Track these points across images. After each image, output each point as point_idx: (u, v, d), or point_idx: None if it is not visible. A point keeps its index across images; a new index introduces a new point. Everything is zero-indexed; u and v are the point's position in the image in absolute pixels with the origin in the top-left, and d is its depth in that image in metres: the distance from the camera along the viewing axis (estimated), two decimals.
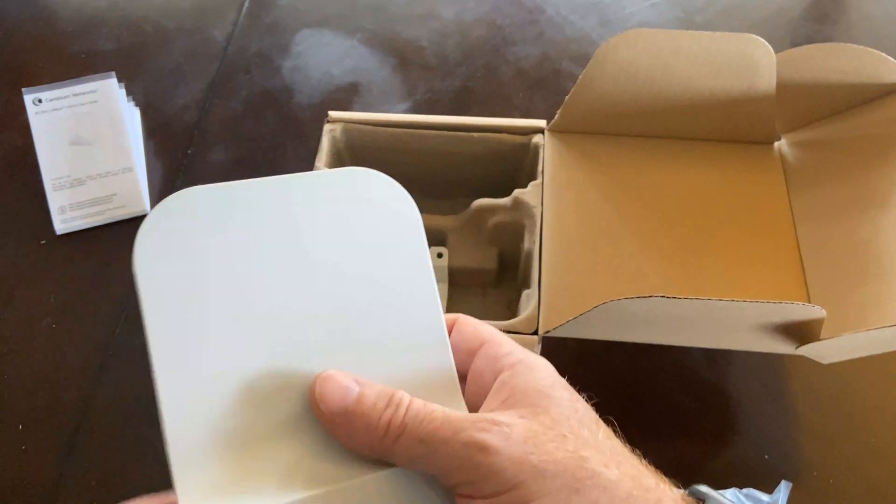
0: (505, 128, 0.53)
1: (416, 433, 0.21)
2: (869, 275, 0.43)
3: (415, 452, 0.21)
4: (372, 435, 0.22)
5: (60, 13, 0.79)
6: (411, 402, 0.22)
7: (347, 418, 0.22)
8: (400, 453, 0.22)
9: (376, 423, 0.21)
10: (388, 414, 0.22)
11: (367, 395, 0.22)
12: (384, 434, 0.21)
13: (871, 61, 0.47)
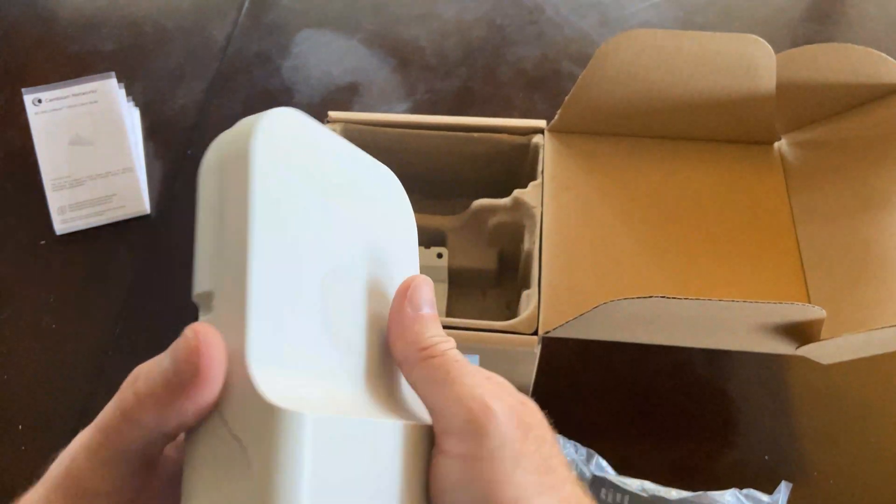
0: (505, 128, 0.53)
1: (445, 365, 0.24)
2: (869, 275, 0.43)
3: (433, 378, 0.24)
4: (416, 342, 0.24)
5: (60, 13, 0.79)
6: (453, 349, 0.25)
7: (414, 320, 0.24)
8: (421, 373, 0.24)
9: (427, 338, 0.24)
10: (438, 339, 0.24)
11: (434, 317, 0.25)
12: (426, 348, 0.24)
13: (870, 61, 0.47)
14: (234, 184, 0.22)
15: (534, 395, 0.53)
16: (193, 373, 0.19)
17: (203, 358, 0.19)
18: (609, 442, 0.48)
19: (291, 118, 0.24)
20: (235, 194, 0.22)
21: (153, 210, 0.62)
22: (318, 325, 0.23)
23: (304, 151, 0.24)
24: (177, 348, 0.20)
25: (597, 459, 0.47)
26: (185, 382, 0.19)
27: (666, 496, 0.44)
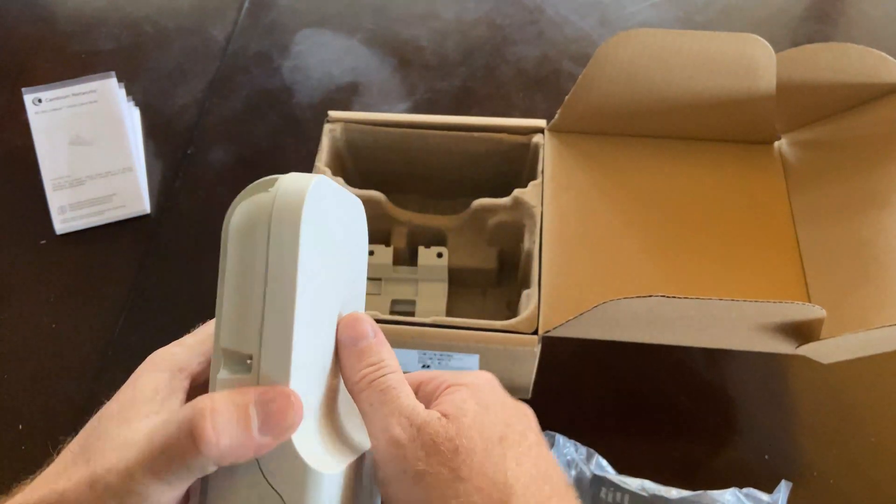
0: (505, 128, 0.53)
1: (369, 398, 0.26)
2: (869, 274, 0.43)
3: (364, 411, 0.26)
4: (349, 378, 0.26)
5: (60, 13, 0.79)
6: (388, 376, 0.26)
7: (349, 355, 0.27)
8: (359, 406, 0.26)
9: (357, 372, 0.26)
10: (367, 370, 0.26)
11: (370, 347, 0.27)
12: (356, 382, 0.26)
13: (870, 61, 0.47)
14: (284, 254, 0.23)
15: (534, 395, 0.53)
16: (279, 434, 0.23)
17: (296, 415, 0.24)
18: (609, 441, 0.48)
19: (327, 187, 0.25)
20: (284, 265, 0.23)
21: (153, 210, 0.62)
22: (323, 378, 0.26)
23: (327, 215, 0.26)
24: (267, 406, 0.23)
25: (597, 458, 0.47)
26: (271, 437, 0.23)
27: (666, 495, 0.44)
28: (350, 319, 0.27)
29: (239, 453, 0.23)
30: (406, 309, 0.53)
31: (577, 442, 0.47)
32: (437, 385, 0.28)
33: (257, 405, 0.23)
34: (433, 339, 0.43)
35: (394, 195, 0.53)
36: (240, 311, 0.24)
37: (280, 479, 0.23)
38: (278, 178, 0.25)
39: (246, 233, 0.24)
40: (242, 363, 0.24)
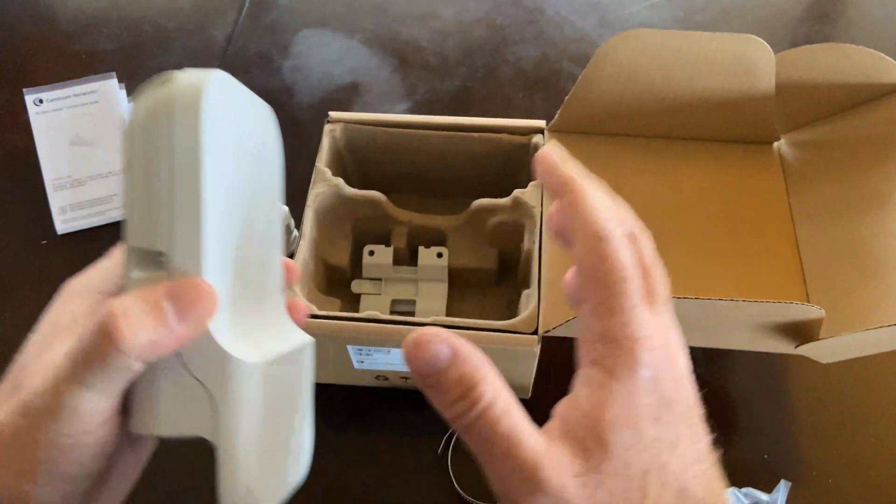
0: (505, 128, 0.53)
1: (475, 438, 0.22)
2: (868, 274, 0.43)
3: (469, 444, 0.22)
4: (444, 411, 0.22)
5: (61, 13, 0.79)
6: (486, 409, 0.22)
7: (427, 385, 0.23)
8: (466, 440, 0.22)
9: (448, 405, 0.22)
10: (459, 407, 0.22)
11: (449, 375, 0.22)
12: (451, 417, 0.22)
13: (870, 61, 0.47)
14: (186, 145, 0.23)
15: (534, 395, 0.53)
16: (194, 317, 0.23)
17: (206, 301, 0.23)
18: None
19: (226, 80, 0.25)
20: (187, 156, 0.23)
21: None
22: (239, 274, 0.26)
23: (230, 109, 0.25)
24: (177, 290, 0.23)
25: None
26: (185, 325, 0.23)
27: None
28: (415, 340, 0.22)
29: (158, 346, 0.23)
30: (406, 309, 0.53)
31: None
32: (610, 335, 0.23)
33: (169, 297, 0.23)
34: None
35: (394, 195, 0.53)
36: (147, 208, 0.23)
37: (202, 370, 0.24)
38: (175, 72, 0.24)
39: (147, 128, 0.23)
40: (154, 261, 0.24)
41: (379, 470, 0.49)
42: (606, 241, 0.23)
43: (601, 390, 0.22)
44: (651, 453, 0.22)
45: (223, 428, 0.24)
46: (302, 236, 0.48)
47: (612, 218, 0.24)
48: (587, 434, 0.21)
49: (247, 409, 0.24)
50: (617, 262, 0.23)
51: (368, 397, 0.52)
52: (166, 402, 0.24)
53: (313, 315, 0.44)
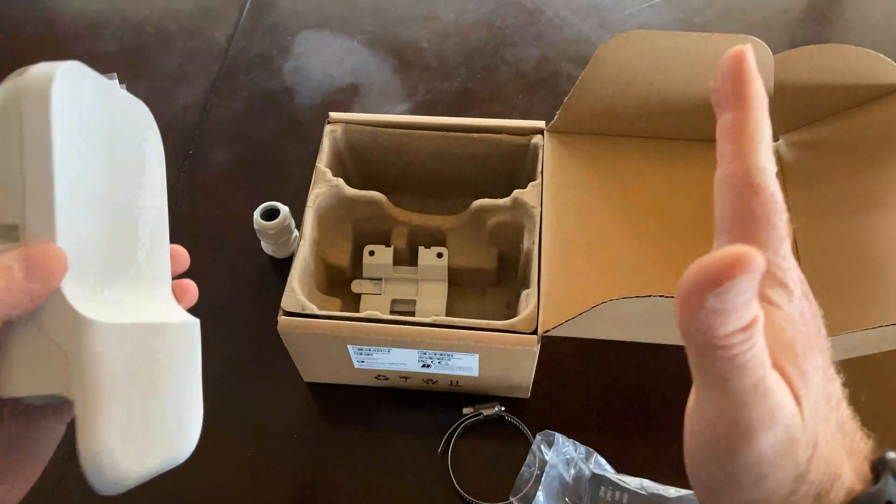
0: (504, 128, 0.53)
1: (731, 366, 0.20)
2: (866, 274, 0.43)
3: (709, 369, 0.20)
4: (712, 351, 0.20)
5: (62, 15, 0.79)
6: (759, 339, 0.20)
7: (712, 325, 0.19)
8: (707, 366, 0.20)
9: (729, 335, 0.19)
10: (739, 337, 0.19)
11: (746, 305, 0.19)
12: (721, 345, 0.19)
13: (868, 62, 0.47)
14: (36, 125, 0.25)
15: (533, 394, 0.54)
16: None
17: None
18: (608, 440, 0.48)
19: (77, 69, 0.27)
20: (37, 136, 0.25)
21: None
22: (103, 250, 0.27)
23: (88, 98, 0.27)
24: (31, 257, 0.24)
25: (596, 457, 0.47)
26: None
27: (664, 494, 0.44)
28: (728, 261, 0.18)
29: (10, 303, 0.24)
30: (406, 309, 0.53)
31: (577, 441, 0.47)
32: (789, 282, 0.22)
33: (17, 259, 0.24)
34: (433, 338, 0.44)
35: (394, 195, 0.54)
36: (2, 187, 0.25)
37: (55, 330, 0.25)
38: (30, 66, 0.26)
39: (1, 114, 0.25)
40: (11, 235, 0.25)
41: (379, 470, 0.49)
42: (764, 172, 0.22)
43: (770, 319, 0.22)
44: (823, 382, 0.22)
45: (77, 384, 0.25)
46: (302, 236, 0.48)
47: (769, 149, 0.22)
48: (783, 362, 0.21)
49: (104, 368, 0.25)
50: (774, 195, 0.22)
51: (368, 397, 0.52)
52: (22, 363, 0.25)
53: (313, 315, 0.44)
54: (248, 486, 0.48)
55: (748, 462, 0.21)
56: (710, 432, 0.21)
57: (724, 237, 0.22)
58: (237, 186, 0.63)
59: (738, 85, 0.22)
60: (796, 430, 0.21)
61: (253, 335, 0.55)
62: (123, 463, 0.25)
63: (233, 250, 0.59)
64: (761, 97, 0.23)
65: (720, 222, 0.23)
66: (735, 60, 0.22)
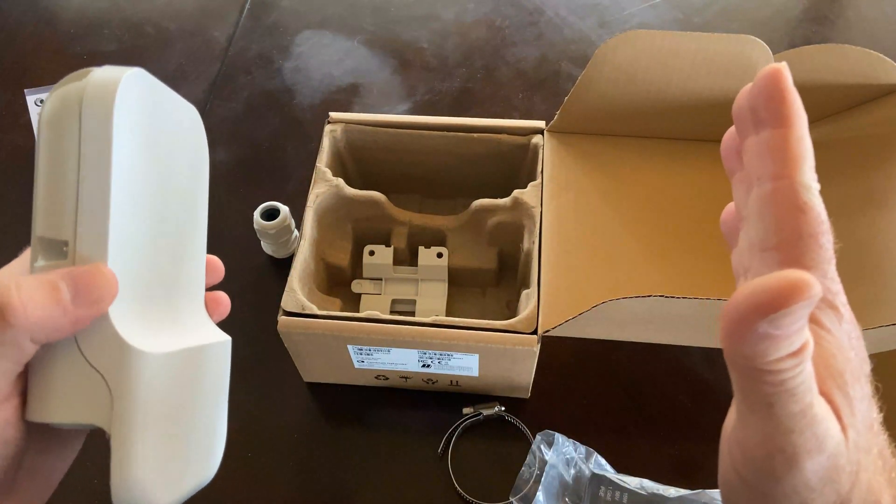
0: (504, 128, 0.53)
1: (778, 389, 0.19)
2: (867, 274, 0.43)
3: (758, 394, 0.20)
4: (758, 375, 0.19)
5: (62, 15, 0.79)
6: (808, 365, 0.19)
7: (762, 350, 0.19)
8: (753, 390, 0.20)
9: (779, 360, 0.19)
10: (789, 363, 0.19)
11: (798, 333, 0.19)
12: (771, 370, 0.19)
13: (868, 62, 0.47)
14: (96, 137, 0.23)
15: (533, 394, 0.54)
16: None
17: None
18: (608, 440, 0.48)
19: (140, 76, 0.25)
20: (96, 149, 0.23)
21: None
22: (149, 268, 0.26)
23: (146, 106, 0.26)
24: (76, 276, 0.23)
25: (596, 457, 0.47)
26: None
27: (664, 494, 0.44)
28: (784, 287, 0.18)
29: (53, 326, 0.22)
30: (406, 309, 0.53)
31: (577, 441, 0.47)
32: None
33: (66, 278, 0.23)
34: (433, 338, 0.44)
35: (394, 195, 0.54)
36: (54, 198, 0.23)
37: (99, 357, 0.23)
38: (92, 69, 0.25)
39: (57, 121, 0.23)
40: (58, 250, 0.24)
41: (379, 470, 0.49)
42: (810, 191, 0.22)
43: (820, 343, 0.21)
44: (870, 409, 0.22)
45: (117, 417, 0.24)
46: (302, 236, 0.48)
47: (813, 168, 0.22)
48: (831, 388, 0.21)
49: (144, 400, 0.24)
50: (818, 215, 0.21)
51: (368, 397, 0.52)
52: (61, 389, 0.24)
53: (313, 315, 0.44)
54: (248, 486, 0.48)
55: (792, 489, 0.20)
56: (753, 458, 0.21)
57: (768, 255, 0.22)
58: (237, 186, 0.63)
59: (779, 103, 0.22)
60: (841, 458, 0.20)
61: (253, 335, 0.55)
62: (155, 493, 0.25)
63: (233, 250, 0.59)
64: (803, 115, 0.22)
65: (764, 241, 0.22)
66: (773, 78, 0.22)
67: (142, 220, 0.25)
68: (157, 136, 0.26)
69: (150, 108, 0.25)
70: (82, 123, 0.23)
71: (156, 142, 0.26)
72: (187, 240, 0.28)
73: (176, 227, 0.27)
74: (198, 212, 0.29)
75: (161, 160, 0.26)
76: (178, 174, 0.28)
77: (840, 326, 0.22)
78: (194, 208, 0.29)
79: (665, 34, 0.48)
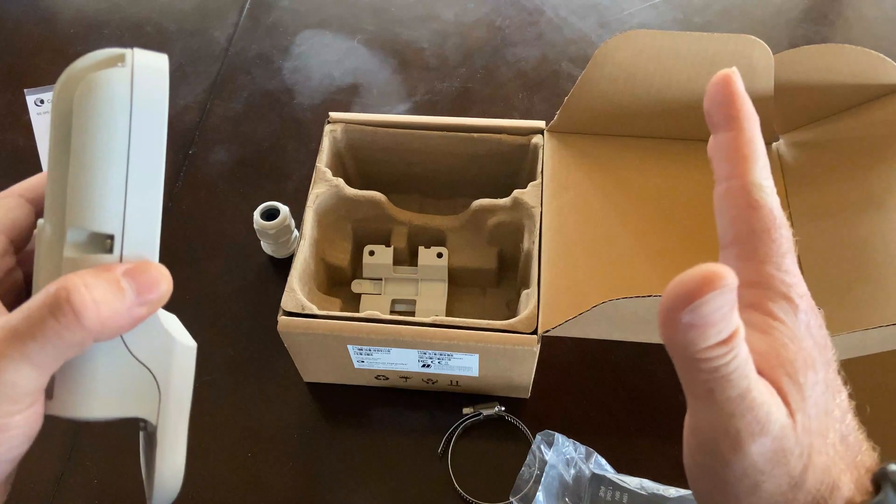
0: (504, 128, 0.53)
1: (713, 377, 0.20)
2: (866, 274, 0.43)
3: (694, 380, 0.21)
4: (694, 364, 0.20)
5: (62, 14, 0.79)
6: (741, 351, 0.20)
7: (691, 339, 0.20)
8: (692, 378, 0.21)
9: (708, 348, 0.20)
10: (719, 350, 0.20)
11: (720, 313, 0.19)
12: (702, 358, 0.20)
13: (868, 62, 0.47)
14: (148, 126, 0.23)
15: (533, 394, 0.54)
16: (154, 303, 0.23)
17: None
18: (608, 440, 0.48)
19: (166, 59, 0.24)
20: (148, 139, 0.23)
21: None
22: None
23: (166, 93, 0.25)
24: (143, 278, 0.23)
25: (595, 457, 0.47)
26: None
27: (664, 494, 0.44)
28: (698, 279, 0.18)
29: (117, 325, 0.23)
30: (406, 309, 0.53)
31: (577, 441, 0.47)
32: (763, 298, 0.22)
33: (129, 277, 0.23)
34: (433, 338, 0.44)
35: (394, 195, 0.54)
36: (95, 190, 0.22)
37: (147, 353, 0.24)
38: (125, 52, 0.23)
39: (99, 106, 0.22)
40: (101, 243, 0.23)
41: (379, 470, 0.49)
42: (761, 188, 0.23)
43: (772, 333, 0.22)
44: (825, 396, 0.23)
45: (165, 409, 0.24)
46: (302, 236, 0.48)
47: (766, 167, 0.23)
48: (781, 376, 0.22)
49: (185, 391, 0.25)
50: (773, 210, 0.23)
51: (368, 397, 0.52)
52: (107, 384, 0.24)
53: (313, 315, 0.44)
54: (248, 486, 0.48)
55: (742, 471, 0.21)
56: (704, 443, 0.22)
57: (727, 252, 0.23)
58: (237, 186, 0.63)
59: (729, 107, 0.24)
60: (787, 441, 0.21)
61: (253, 335, 0.55)
62: (177, 485, 0.26)
63: (233, 250, 0.59)
64: (752, 117, 0.24)
65: (722, 239, 0.23)
66: (723, 84, 0.24)
67: (160, 206, 0.25)
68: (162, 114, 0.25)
69: None
70: (133, 115, 0.22)
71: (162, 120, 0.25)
72: None
73: None
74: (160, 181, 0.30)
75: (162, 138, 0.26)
76: (162, 148, 0.28)
77: (795, 317, 0.23)
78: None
79: (665, 34, 0.48)
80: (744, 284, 0.22)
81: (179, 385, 0.25)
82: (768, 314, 0.22)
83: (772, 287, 0.22)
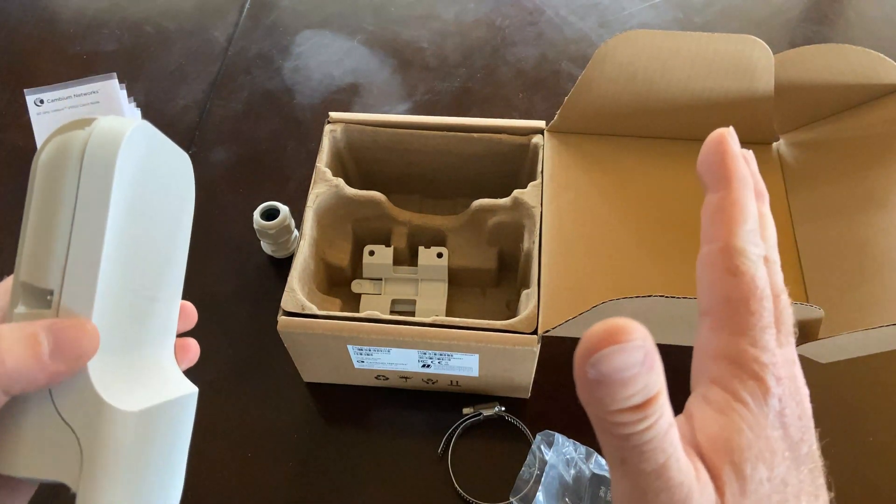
0: (504, 128, 0.53)
1: (629, 449, 0.19)
2: (867, 274, 0.43)
3: (614, 452, 0.20)
4: (603, 413, 0.19)
5: (62, 14, 0.79)
6: (657, 423, 0.19)
7: (599, 397, 0.19)
8: (604, 442, 0.20)
9: (617, 413, 0.19)
10: (631, 416, 0.19)
11: (634, 383, 0.19)
12: (612, 423, 0.19)
13: (868, 62, 0.47)
14: (95, 192, 0.23)
15: (533, 394, 0.54)
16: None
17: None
18: None
19: (145, 129, 0.25)
20: (93, 203, 0.23)
21: None
22: (128, 320, 0.25)
23: (146, 160, 0.25)
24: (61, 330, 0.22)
25: (596, 457, 0.47)
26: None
27: None
28: (607, 335, 0.18)
29: (28, 379, 0.22)
30: (406, 309, 0.53)
31: (577, 441, 0.47)
32: (731, 375, 0.20)
33: (47, 332, 0.22)
34: (433, 338, 0.44)
35: (394, 195, 0.54)
36: (43, 245, 0.23)
37: (73, 412, 0.23)
38: (96, 118, 0.24)
39: (56, 167, 0.23)
40: (42, 298, 0.23)
41: (379, 469, 0.49)
42: (742, 254, 0.21)
43: (730, 415, 0.20)
44: (779, 496, 0.20)
45: (87, 477, 0.23)
46: (302, 236, 0.48)
47: (753, 232, 0.22)
48: (723, 463, 0.20)
49: (114, 460, 0.23)
50: (752, 280, 0.21)
51: (368, 397, 0.52)
52: (30, 443, 0.23)
53: (313, 315, 0.44)
54: (248, 486, 0.48)
55: None
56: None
57: (701, 321, 0.21)
58: (237, 186, 0.63)
59: (720, 167, 0.22)
60: None
61: (253, 335, 0.55)
62: None
63: (233, 250, 0.59)
64: (744, 178, 0.22)
65: (699, 303, 0.21)
66: (716, 143, 0.23)
67: (126, 272, 0.25)
68: (150, 187, 0.25)
69: (148, 160, 0.25)
70: (82, 175, 0.23)
71: (148, 192, 0.25)
72: (165, 287, 0.28)
73: (156, 276, 0.27)
74: (178, 258, 0.29)
75: (150, 210, 0.26)
76: (164, 222, 0.27)
77: (764, 401, 0.20)
78: (175, 255, 0.29)
79: (665, 34, 0.48)
80: (711, 357, 0.21)
81: (113, 453, 0.23)
82: (731, 393, 0.20)
83: (741, 364, 0.20)
